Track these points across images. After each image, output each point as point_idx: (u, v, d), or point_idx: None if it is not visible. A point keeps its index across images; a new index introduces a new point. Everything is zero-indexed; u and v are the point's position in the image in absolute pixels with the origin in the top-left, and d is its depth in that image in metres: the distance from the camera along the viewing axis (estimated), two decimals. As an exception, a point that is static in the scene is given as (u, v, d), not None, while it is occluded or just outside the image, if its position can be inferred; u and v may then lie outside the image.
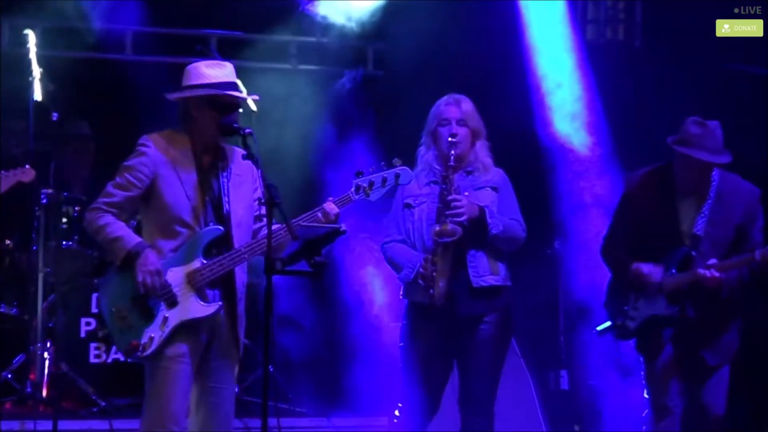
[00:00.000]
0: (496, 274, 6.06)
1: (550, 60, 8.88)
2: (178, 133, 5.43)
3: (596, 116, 8.75)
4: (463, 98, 6.25)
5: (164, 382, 5.26)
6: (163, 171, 5.33)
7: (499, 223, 6.00)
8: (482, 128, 6.24)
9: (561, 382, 8.77)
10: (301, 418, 8.04)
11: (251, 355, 8.34)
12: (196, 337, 5.32)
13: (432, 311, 5.99)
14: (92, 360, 8.25)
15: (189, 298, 5.29)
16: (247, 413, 7.56)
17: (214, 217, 5.38)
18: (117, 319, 5.28)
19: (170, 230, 5.32)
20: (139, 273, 5.22)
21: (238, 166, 5.46)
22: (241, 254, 5.34)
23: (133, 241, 5.28)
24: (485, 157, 6.21)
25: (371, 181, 5.59)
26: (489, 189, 6.13)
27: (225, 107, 5.35)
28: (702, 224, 6.17)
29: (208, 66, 5.42)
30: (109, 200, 5.35)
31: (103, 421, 7.59)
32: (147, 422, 5.31)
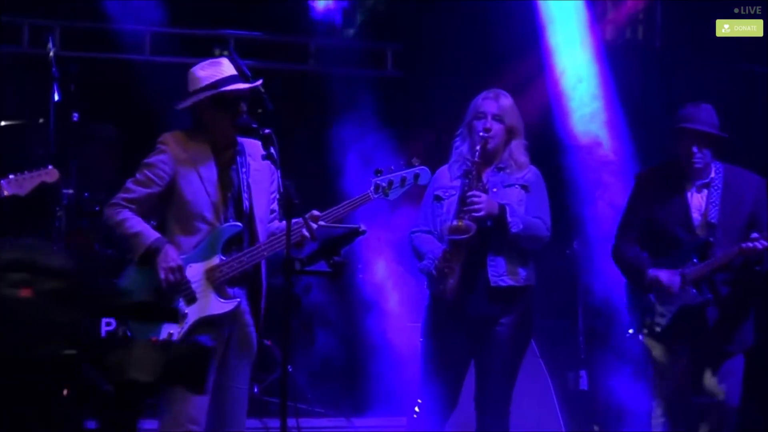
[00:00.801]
0: (515, 275, 6.03)
1: (570, 60, 8.86)
2: (195, 132, 5.46)
3: (615, 116, 8.72)
4: (502, 93, 6.22)
5: (183, 381, 5.26)
6: (183, 168, 5.36)
7: (519, 221, 5.96)
8: (520, 126, 6.20)
9: (580, 383, 8.74)
10: (321, 419, 8.03)
11: (270, 355, 8.36)
12: (216, 334, 5.34)
13: (449, 308, 5.98)
14: (113, 360, 8.27)
15: (208, 295, 5.32)
16: (266, 413, 7.57)
17: (234, 213, 5.40)
18: (137, 315, 5.30)
19: (191, 227, 5.35)
20: (160, 270, 5.24)
21: (256, 161, 5.47)
22: (261, 251, 5.36)
23: (153, 236, 5.30)
24: (520, 155, 6.17)
25: (390, 180, 5.59)
26: (518, 187, 6.10)
27: (229, 103, 5.36)
28: (715, 213, 6.23)
29: (202, 68, 5.44)
30: (128, 196, 5.38)
31: (123, 420, 7.59)
32: (166, 422, 5.33)
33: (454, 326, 6.04)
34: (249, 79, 5.60)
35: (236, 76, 5.46)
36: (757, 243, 6.03)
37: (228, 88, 5.36)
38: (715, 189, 6.28)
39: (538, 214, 6.09)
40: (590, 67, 8.81)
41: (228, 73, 5.43)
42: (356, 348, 8.85)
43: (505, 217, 5.93)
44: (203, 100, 5.36)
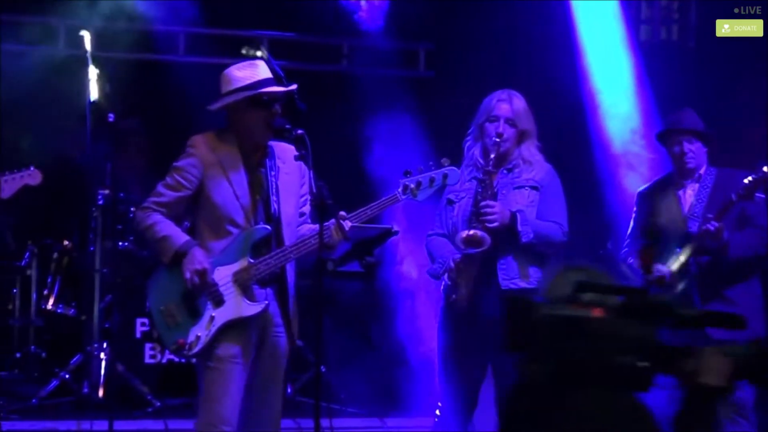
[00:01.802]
0: (527, 278, 5.95)
1: (603, 60, 8.83)
2: (225, 133, 5.46)
3: (650, 117, 8.69)
4: (516, 95, 6.14)
5: (216, 383, 5.29)
6: (212, 171, 5.36)
7: (530, 230, 5.88)
8: (532, 128, 6.13)
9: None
10: (354, 419, 8.03)
11: (303, 355, 8.38)
12: (246, 337, 5.35)
13: (463, 312, 5.95)
14: (147, 360, 8.33)
15: (236, 297, 5.32)
16: (299, 414, 7.58)
17: (263, 215, 5.41)
18: (165, 317, 5.33)
19: (221, 230, 5.36)
20: (186, 271, 5.26)
21: (286, 164, 5.47)
22: (288, 253, 5.35)
23: (182, 239, 5.31)
24: (530, 155, 6.09)
25: (419, 181, 5.56)
26: (528, 188, 6.02)
27: (265, 104, 5.36)
28: (700, 207, 6.39)
29: (239, 69, 5.44)
30: (159, 200, 5.39)
31: (157, 421, 7.63)
32: (200, 423, 5.35)
33: (468, 329, 5.99)
34: (283, 81, 5.62)
35: (272, 79, 5.48)
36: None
37: (266, 90, 5.37)
38: (703, 187, 6.46)
39: (553, 218, 6.02)
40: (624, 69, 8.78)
41: (265, 75, 5.44)
42: (390, 348, 8.86)
43: (516, 226, 5.88)
44: (240, 101, 5.38)
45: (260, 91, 5.36)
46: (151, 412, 7.87)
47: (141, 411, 7.87)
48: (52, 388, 8.00)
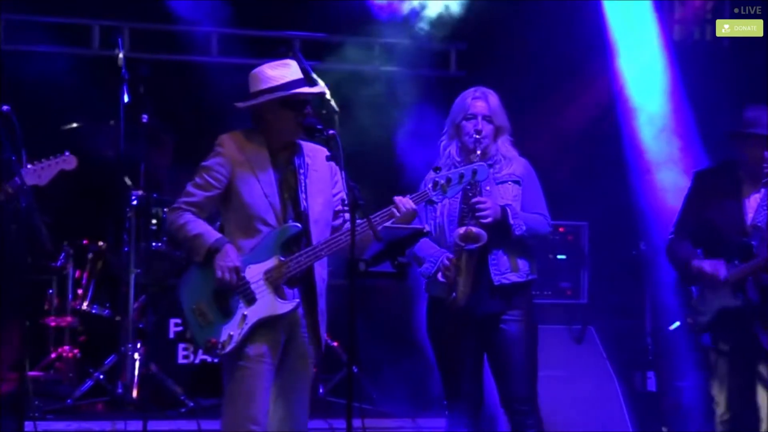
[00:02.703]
0: (517, 270, 6.03)
1: (636, 60, 8.80)
2: (253, 132, 5.50)
3: (683, 117, 8.65)
4: (490, 92, 6.21)
5: (245, 382, 5.31)
6: (240, 170, 5.39)
7: (522, 222, 5.96)
8: (507, 124, 6.19)
9: (648, 384, 8.69)
10: (386, 419, 8.04)
11: (335, 355, 8.39)
12: (275, 336, 5.38)
13: (456, 310, 5.96)
14: (180, 361, 8.36)
15: (267, 296, 5.34)
16: (331, 414, 7.61)
17: (293, 214, 5.42)
18: (197, 316, 5.35)
19: (250, 229, 5.38)
20: (217, 269, 5.28)
21: (315, 162, 5.50)
22: (319, 251, 5.37)
23: (214, 237, 5.34)
24: (507, 150, 6.15)
25: (448, 177, 5.58)
26: (511, 183, 6.09)
27: (296, 105, 5.38)
28: (763, 216, 6.20)
29: (272, 68, 5.47)
30: (189, 200, 5.43)
31: (191, 421, 7.66)
32: (227, 422, 5.38)
33: (460, 325, 6.00)
34: (314, 82, 5.64)
35: (303, 79, 5.49)
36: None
37: (298, 90, 5.39)
38: None
39: (537, 209, 6.10)
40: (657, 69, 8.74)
41: (297, 75, 5.46)
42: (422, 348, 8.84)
43: (507, 220, 5.92)
44: (271, 101, 5.40)
45: (292, 92, 5.38)
46: (185, 412, 7.91)
47: (174, 411, 7.90)
48: (86, 389, 8.06)
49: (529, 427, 6.02)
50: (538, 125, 8.62)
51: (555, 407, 7.64)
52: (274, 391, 5.40)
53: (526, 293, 6.12)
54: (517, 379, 6.02)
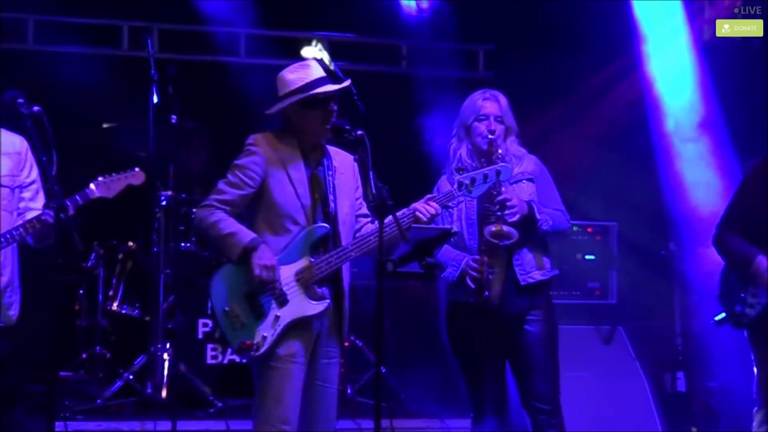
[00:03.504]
0: (542, 268, 6.02)
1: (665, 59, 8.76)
2: (284, 133, 5.51)
3: (714, 116, 8.61)
4: (500, 94, 6.20)
5: (277, 383, 5.32)
6: (273, 169, 5.40)
7: (548, 218, 5.96)
8: (515, 125, 6.16)
9: (677, 384, 8.66)
10: (414, 419, 8.03)
11: (363, 356, 8.39)
12: (305, 335, 5.39)
13: (480, 311, 5.93)
14: (209, 361, 8.39)
15: (299, 297, 5.35)
16: (359, 414, 7.61)
17: (321, 214, 5.44)
18: (230, 318, 5.35)
19: (281, 228, 5.39)
20: (255, 267, 5.27)
21: (341, 164, 5.52)
22: (349, 252, 5.39)
23: (249, 236, 5.33)
24: (517, 148, 6.13)
25: (473, 177, 5.58)
26: (525, 181, 6.07)
27: (320, 104, 5.39)
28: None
29: (291, 71, 5.48)
30: (221, 197, 5.42)
31: (219, 421, 7.68)
32: (259, 422, 5.38)
33: (485, 328, 5.98)
34: (339, 79, 5.63)
35: (325, 77, 5.49)
36: None
37: (317, 90, 5.40)
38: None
39: (555, 206, 6.08)
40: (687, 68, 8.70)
41: (316, 75, 5.47)
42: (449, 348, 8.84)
43: (534, 216, 5.91)
44: (295, 104, 5.41)
45: (310, 93, 5.40)
46: (213, 412, 7.92)
47: (203, 411, 7.92)
48: (116, 389, 8.08)
49: (551, 427, 6.00)
50: (566, 125, 8.62)
51: (584, 408, 7.62)
52: (303, 389, 5.40)
53: (547, 291, 6.10)
54: (539, 378, 6.00)
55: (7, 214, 5.57)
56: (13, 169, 5.64)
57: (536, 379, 6.00)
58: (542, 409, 6.00)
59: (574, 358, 7.56)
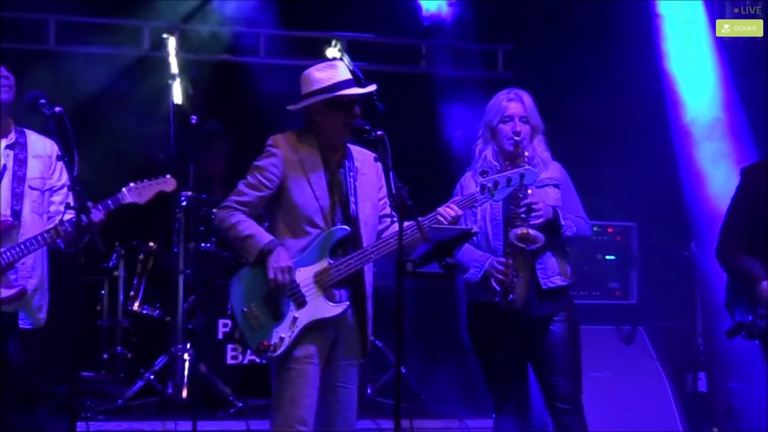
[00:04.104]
0: (564, 274, 6.00)
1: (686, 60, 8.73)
2: (304, 134, 5.51)
3: (734, 115, 8.58)
4: (525, 93, 6.17)
5: (293, 382, 5.33)
6: (293, 171, 5.41)
7: (572, 224, 5.95)
8: (541, 124, 6.14)
9: (699, 384, 8.63)
10: (434, 419, 8.04)
11: (383, 356, 8.39)
12: (323, 337, 5.39)
13: (503, 312, 5.92)
14: (229, 361, 8.40)
15: (317, 298, 5.36)
16: (379, 414, 7.61)
17: (342, 216, 5.44)
18: (249, 319, 5.37)
19: (299, 230, 5.40)
20: (270, 270, 5.29)
21: (363, 165, 5.52)
22: (368, 254, 5.38)
23: (266, 239, 5.35)
24: (543, 151, 6.11)
25: (496, 181, 5.57)
26: (551, 187, 6.05)
27: (344, 106, 5.40)
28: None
29: (319, 70, 5.48)
30: (241, 199, 5.44)
31: (240, 421, 7.69)
32: (276, 423, 5.39)
33: (508, 328, 5.97)
34: (362, 82, 5.64)
35: (352, 80, 5.50)
36: None
37: (345, 92, 5.41)
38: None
39: (578, 213, 6.07)
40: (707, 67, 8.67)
41: (344, 76, 5.48)
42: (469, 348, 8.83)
43: (558, 221, 5.90)
44: (320, 103, 5.42)
45: (340, 93, 5.40)
46: (234, 412, 7.93)
47: (224, 412, 7.93)
48: (137, 389, 8.10)
49: (574, 427, 5.98)
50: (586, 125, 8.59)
51: (604, 408, 7.62)
52: (321, 390, 5.42)
53: (568, 295, 6.09)
54: (561, 379, 5.98)
55: (37, 217, 5.60)
56: (44, 172, 5.67)
57: (559, 380, 5.99)
58: (564, 410, 5.99)
59: (595, 358, 7.56)
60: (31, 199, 5.56)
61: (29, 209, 5.53)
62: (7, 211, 5.48)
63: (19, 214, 5.48)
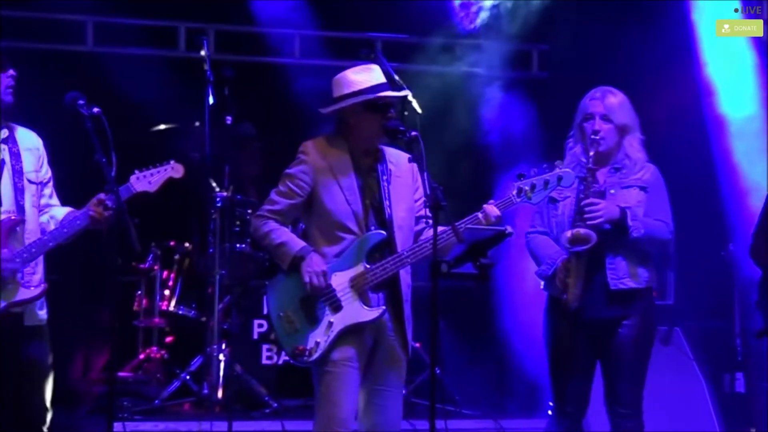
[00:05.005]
0: (636, 277, 5.91)
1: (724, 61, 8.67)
2: (336, 138, 5.51)
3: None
4: (609, 91, 6.08)
5: (332, 386, 5.34)
6: (323, 177, 5.41)
7: (641, 225, 5.84)
8: (631, 121, 6.05)
9: (736, 385, 8.58)
10: (469, 420, 8.03)
11: (418, 357, 8.38)
12: (361, 341, 5.40)
13: (576, 313, 5.89)
14: (264, 361, 8.43)
15: (353, 303, 5.36)
16: (414, 415, 7.60)
17: (375, 220, 5.44)
18: (284, 323, 5.39)
19: (333, 236, 5.41)
20: (305, 274, 5.31)
21: (397, 167, 5.51)
22: (404, 258, 5.38)
23: (298, 245, 5.38)
24: (635, 152, 6.03)
25: (533, 183, 5.54)
26: (637, 189, 5.97)
27: (381, 108, 5.39)
28: None
29: (355, 72, 5.47)
30: (273, 207, 5.48)
31: (275, 422, 7.71)
32: (318, 424, 5.42)
33: (573, 329, 5.93)
34: (397, 85, 5.64)
35: (387, 83, 5.50)
36: None
37: (382, 94, 5.41)
38: None
39: (659, 216, 5.97)
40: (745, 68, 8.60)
41: (380, 79, 5.48)
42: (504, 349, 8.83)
43: (625, 221, 5.83)
44: (355, 105, 5.41)
45: (377, 96, 5.40)
46: (269, 413, 7.95)
47: (259, 412, 7.95)
48: (173, 389, 8.14)
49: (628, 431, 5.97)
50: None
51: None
52: (365, 394, 5.44)
53: (644, 300, 6.00)
54: (622, 382, 5.95)
55: (36, 211, 5.54)
56: (36, 165, 5.61)
57: (619, 383, 5.96)
58: (623, 414, 5.97)
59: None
60: (30, 193, 5.51)
61: (30, 203, 5.49)
62: (12, 207, 5.42)
63: (23, 208, 5.43)
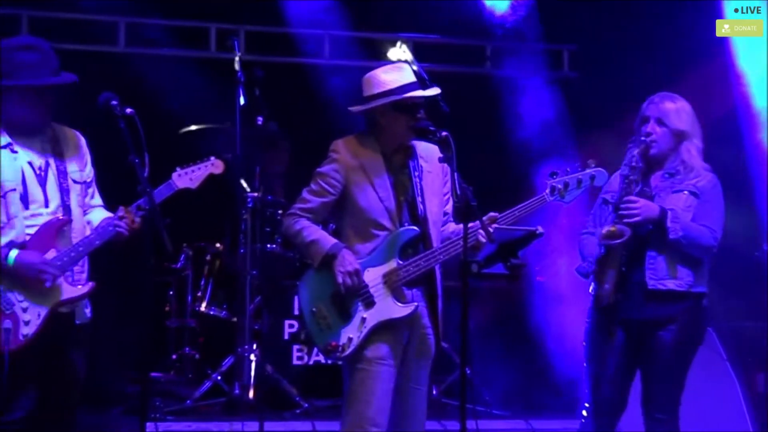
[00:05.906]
0: (676, 278, 5.84)
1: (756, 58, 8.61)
2: (366, 136, 5.54)
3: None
4: (668, 96, 6.05)
5: (365, 384, 5.35)
6: (355, 176, 5.44)
7: (680, 228, 5.78)
8: (690, 128, 5.99)
9: (770, 385, 8.54)
10: (499, 420, 8.01)
11: (449, 357, 8.37)
12: (396, 338, 5.41)
13: (607, 311, 5.85)
14: (295, 362, 8.43)
15: (386, 299, 5.38)
16: (444, 415, 7.60)
17: (409, 217, 5.44)
18: (317, 319, 5.41)
19: (367, 233, 5.43)
20: (338, 273, 5.33)
21: (428, 162, 5.52)
22: (437, 254, 5.39)
23: (330, 243, 5.41)
24: (691, 158, 5.96)
25: (566, 182, 5.53)
26: (687, 193, 5.91)
27: (409, 109, 5.41)
28: None
29: (385, 71, 5.50)
30: (304, 206, 5.51)
31: (305, 422, 7.71)
32: (347, 424, 5.41)
33: (608, 328, 5.89)
34: (427, 85, 5.64)
35: (417, 83, 5.51)
36: None
37: (411, 94, 5.42)
38: None
39: (706, 222, 5.89)
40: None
41: (410, 79, 5.49)
42: (535, 349, 8.81)
43: (665, 222, 5.78)
44: (385, 105, 5.43)
45: (406, 96, 5.41)
46: (300, 413, 7.95)
47: (290, 412, 7.95)
48: (205, 390, 8.15)
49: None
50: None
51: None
52: (393, 390, 5.42)
53: (689, 304, 5.91)
54: (659, 386, 5.91)
55: (81, 210, 5.55)
56: (80, 165, 5.61)
57: (656, 386, 5.92)
58: (658, 419, 5.92)
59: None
60: (75, 193, 5.50)
61: (75, 203, 5.48)
62: (58, 207, 5.41)
63: (69, 208, 5.43)
